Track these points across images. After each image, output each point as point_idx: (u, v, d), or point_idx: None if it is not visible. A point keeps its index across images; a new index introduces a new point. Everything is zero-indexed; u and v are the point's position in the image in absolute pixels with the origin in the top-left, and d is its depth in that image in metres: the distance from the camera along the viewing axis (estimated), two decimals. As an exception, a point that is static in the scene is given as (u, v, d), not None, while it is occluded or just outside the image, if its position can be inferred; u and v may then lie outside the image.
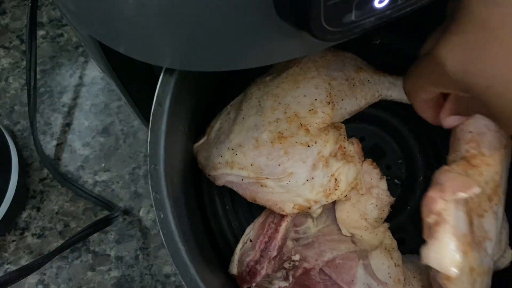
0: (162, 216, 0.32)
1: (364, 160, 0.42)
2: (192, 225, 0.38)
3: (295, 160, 0.36)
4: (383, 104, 0.45)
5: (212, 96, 0.44)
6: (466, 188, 0.31)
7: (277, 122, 0.37)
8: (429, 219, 0.31)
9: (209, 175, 0.40)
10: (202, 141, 0.41)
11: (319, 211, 0.39)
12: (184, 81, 0.33)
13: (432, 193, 0.32)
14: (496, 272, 0.38)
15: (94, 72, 0.59)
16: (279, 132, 0.37)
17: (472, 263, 0.32)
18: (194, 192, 0.42)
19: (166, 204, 0.32)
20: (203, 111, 0.42)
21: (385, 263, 0.37)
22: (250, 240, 0.40)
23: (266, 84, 0.40)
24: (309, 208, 0.38)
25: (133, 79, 0.40)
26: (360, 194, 0.40)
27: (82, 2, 0.28)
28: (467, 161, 0.35)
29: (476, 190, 0.31)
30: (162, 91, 0.33)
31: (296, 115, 0.38)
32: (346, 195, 0.39)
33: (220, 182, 0.39)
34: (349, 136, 0.44)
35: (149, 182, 0.32)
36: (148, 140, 0.32)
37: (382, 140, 0.47)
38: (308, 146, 0.37)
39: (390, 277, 0.38)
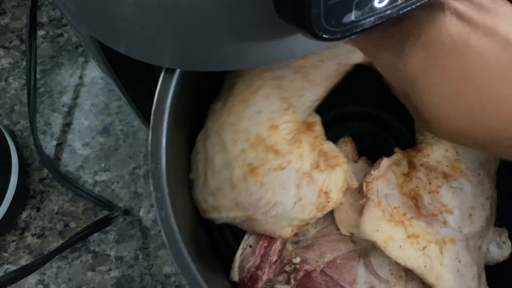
0: (163, 215, 0.31)
1: (359, 158, 0.42)
2: (192, 225, 0.37)
3: (274, 189, 0.34)
4: (383, 104, 0.45)
5: (215, 92, 0.43)
6: (376, 168, 0.38)
7: (243, 154, 0.35)
8: (362, 201, 0.38)
9: (204, 217, 0.39)
10: (191, 178, 0.39)
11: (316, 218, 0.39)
12: (185, 78, 0.33)
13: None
14: (496, 265, 0.39)
15: (94, 72, 0.59)
16: (248, 164, 0.35)
17: (415, 231, 0.36)
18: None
19: (168, 203, 0.32)
20: (206, 108, 0.41)
21: (386, 261, 0.37)
22: (250, 246, 0.39)
23: (220, 114, 0.37)
24: (308, 224, 0.37)
25: (133, 79, 0.40)
26: (357, 192, 0.40)
27: (82, 2, 0.28)
28: (415, 147, 0.39)
29: (381, 168, 0.37)
30: (164, 89, 0.32)
31: (258, 138, 0.35)
32: (341, 201, 0.38)
33: (217, 222, 0.38)
34: (349, 135, 0.43)
35: (150, 181, 0.32)
36: (150, 138, 0.32)
37: (382, 140, 0.47)
38: (283, 168, 0.35)
39: (391, 274, 0.38)
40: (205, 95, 0.41)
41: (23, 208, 0.54)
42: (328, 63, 0.37)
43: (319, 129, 0.38)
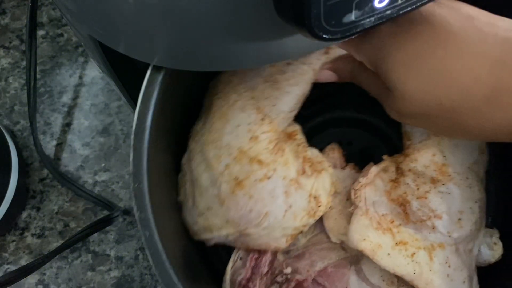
0: (148, 235, 0.31)
1: (346, 165, 0.41)
2: (180, 241, 0.37)
3: (263, 199, 0.35)
4: (369, 107, 0.46)
5: (197, 106, 0.42)
6: (364, 176, 0.38)
7: (227, 169, 0.35)
8: (350, 209, 0.38)
9: (196, 239, 0.38)
10: (179, 201, 0.39)
11: (310, 225, 0.38)
12: (165, 95, 0.33)
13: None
14: (488, 266, 0.39)
15: (94, 72, 0.59)
16: (234, 178, 0.35)
17: (403, 238, 0.36)
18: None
19: (152, 223, 0.31)
20: (188, 122, 0.41)
21: (377, 267, 0.37)
22: (240, 258, 0.39)
23: (201, 134, 0.37)
24: (301, 232, 0.37)
25: (133, 79, 0.40)
26: (346, 199, 0.39)
27: (82, 2, 0.28)
28: (402, 152, 0.39)
29: (370, 175, 0.37)
30: (144, 107, 0.32)
31: (240, 151, 0.35)
32: (331, 205, 0.38)
33: (210, 244, 0.38)
34: (336, 140, 0.44)
35: (133, 201, 0.31)
36: (131, 158, 0.32)
37: (370, 143, 0.47)
38: (268, 178, 0.35)
39: (383, 280, 0.38)
40: (189, 107, 0.41)
41: (23, 208, 0.54)
42: (293, 65, 0.37)
43: (300, 137, 0.38)
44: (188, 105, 0.40)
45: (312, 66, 0.37)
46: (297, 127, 0.38)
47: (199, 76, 0.40)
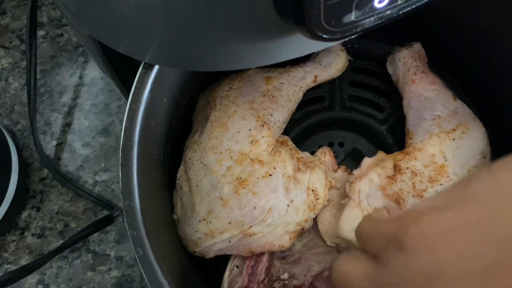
0: (141, 253, 0.31)
1: (338, 167, 0.42)
2: (176, 257, 0.37)
3: (266, 195, 0.36)
4: (358, 108, 0.46)
5: (184, 116, 0.43)
6: (360, 170, 0.38)
7: (229, 170, 0.36)
8: (344, 201, 0.38)
9: (195, 252, 0.38)
10: (175, 219, 0.39)
11: (311, 224, 0.39)
12: (151, 110, 0.33)
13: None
14: None
15: (94, 72, 0.59)
16: (237, 178, 0.36)
17: None
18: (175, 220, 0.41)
19: (145, 241, 0.31)
20: (177, 133, 0.41)
21: None
22: (237, 266, 0.39)
23: (199, 143, 0.39)
24: (303, 228, 0.38)
25: (133, 79, 0.40)
26: (340, 202, 0.40)
27: (82, 2, 0.28)
28: (402, 150, 0.40)
29: (363, 166, 0.38)
30: (130, 124, 0.32)
31: (242, 153, 0.37)
32: (328, 199, 0.39)
33: (210, 255, 0.38)
34: (327, 143, 0.46)
35: (125, 219, 0.31)
36: (120, 176, 0.32)
37: (361, 143, 0.47)
38: (270, 175, 0.36)
39: None
40: (176, 118, 0.41)
41: (23, 208, 0.54)
42: (287, 85, 0.42)
43: (291, 144, 0.41)
44: (174, 121, 0.40)
45: (302, 88, 0.43)
46: (287, 137, 0.41)
47: (184, 91, 0.41)
